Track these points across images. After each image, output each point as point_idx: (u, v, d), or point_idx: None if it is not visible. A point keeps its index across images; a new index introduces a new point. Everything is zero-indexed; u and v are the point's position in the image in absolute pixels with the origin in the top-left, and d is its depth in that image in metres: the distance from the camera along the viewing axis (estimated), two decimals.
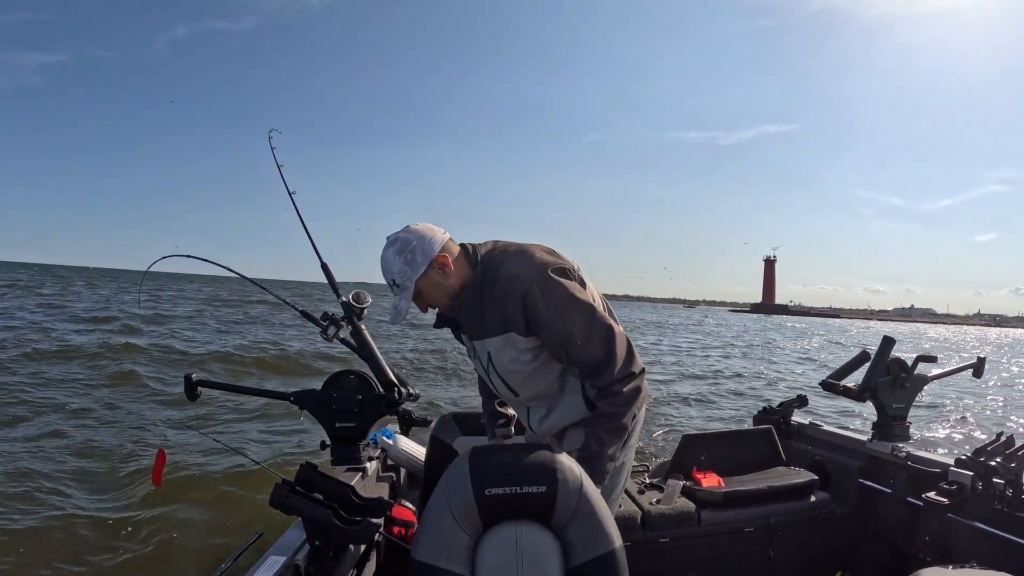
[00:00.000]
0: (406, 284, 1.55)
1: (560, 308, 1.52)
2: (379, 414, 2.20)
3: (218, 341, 14.22)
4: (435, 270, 1.56)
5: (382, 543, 1.93)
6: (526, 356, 1.61)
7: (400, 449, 2.58)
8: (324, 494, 1.57)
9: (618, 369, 1.53)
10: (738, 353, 20.97)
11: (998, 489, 2.11)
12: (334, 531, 1.46)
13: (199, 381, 2.11)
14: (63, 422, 6.71)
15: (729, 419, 8.61)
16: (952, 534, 2.26)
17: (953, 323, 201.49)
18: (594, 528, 1.35)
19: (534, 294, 1.51)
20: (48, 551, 3.87)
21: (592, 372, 1.56)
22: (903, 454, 2.56)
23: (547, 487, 1.34)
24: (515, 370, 1.65)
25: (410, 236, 1.56)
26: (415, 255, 1.54)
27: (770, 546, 2.52)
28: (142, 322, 16.57)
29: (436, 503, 1.37)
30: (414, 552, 1.34)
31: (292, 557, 1.43)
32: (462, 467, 1.38)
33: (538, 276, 1.53)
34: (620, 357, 1.54)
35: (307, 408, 2.17)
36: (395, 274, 1.56)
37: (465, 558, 1.34)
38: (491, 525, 1.36)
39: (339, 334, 2.25)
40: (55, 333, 13.50)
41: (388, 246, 1.57)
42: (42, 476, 5.06)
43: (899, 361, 2.69)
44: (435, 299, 1.61)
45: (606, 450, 1.54)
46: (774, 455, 2.87)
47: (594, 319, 1.54)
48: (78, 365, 10.07)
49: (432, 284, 1.57)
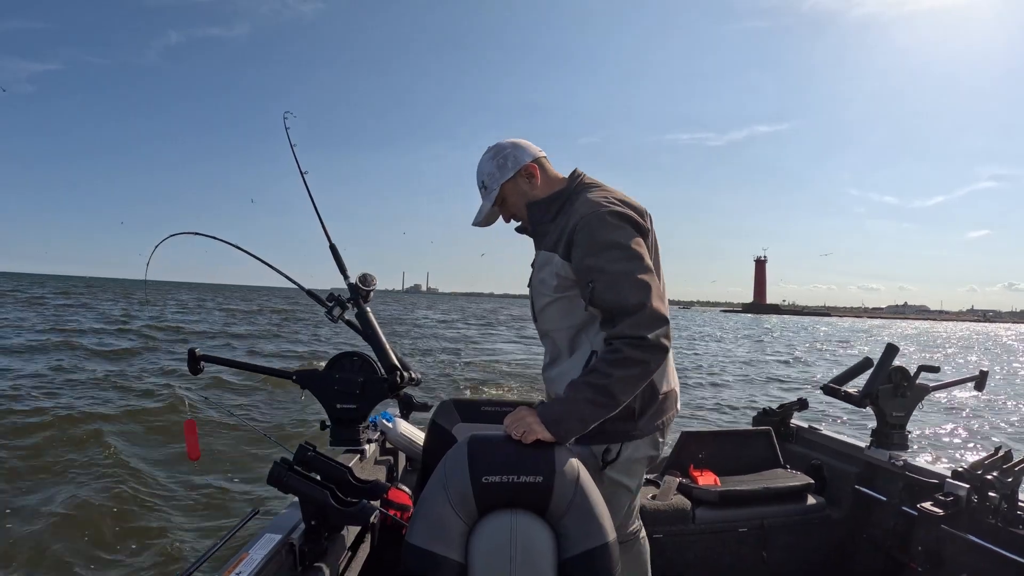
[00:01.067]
0: (492, 186, 1.66)
1: (598, 245, 1.49)
2: (380, 397, 2.20)
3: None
4: (522, 178, 1.65)
5: (377, 525, 1.94)
6: (553, 281, 1.59)
7: (399, 433, 2.58)
8: (321, 474, 1.57)
9: (646, 318, 1.43)
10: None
11: (993, 503, 2.10)
12: (330, 512, 1.46)
13: (203, 356, 2.11)
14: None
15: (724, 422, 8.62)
16: (945, 545, 2.26)
17: (946, 319, 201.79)
18: (589, 521, 1.35)
19: (582, 225, 1.52)
20: (39, 545, 3.91)
21: (617, 315, 1.46)
22: (900, 463, 2.55)
23: (544, 477, 1.35)
24: (541, 292, 1.66)
25: (506, 144, 1.67)
26: (506, 160, 1.65)
27: (763, 547, 2.53)
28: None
29: (433, 488, 1.37)
30: (408, 536, 1.35)
31: (287, 535, 1.44)
32: (460, 454, 1.38)
33: (593, 211, 1.53)
34: (650, 308, 1.44)
35: (309, 388, 2.18)
36: (485, 175, 1.67)
37: (459, 544, 1.35)
38: (486, 513, 1.37)
39: (344, 315, 2.25)
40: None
41: (486, 151, 1.69)
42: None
43: (901, 370, 2.68)
44: (516, 207, 1.68)
45: (588, 394, 1.43)
46: (772, 457, 2.87)
47: (633, 266, 1.47)
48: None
49: (516, 191, 1.66)
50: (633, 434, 1.61)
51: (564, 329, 1.63)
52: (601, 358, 1.47)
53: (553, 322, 1.66)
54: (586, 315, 1.57)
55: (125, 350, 12.80)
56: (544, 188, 1.66)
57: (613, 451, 1.61)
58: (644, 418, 1.62)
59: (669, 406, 1.68)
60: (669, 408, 1.68)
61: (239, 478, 4.92)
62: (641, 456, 1.65)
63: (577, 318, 1.60)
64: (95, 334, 15.88)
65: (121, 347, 13.29)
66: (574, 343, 1.63)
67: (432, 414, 2.56)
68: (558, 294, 1.61)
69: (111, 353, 12.25)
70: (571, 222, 1.55)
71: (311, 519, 1.48)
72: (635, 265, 1.48)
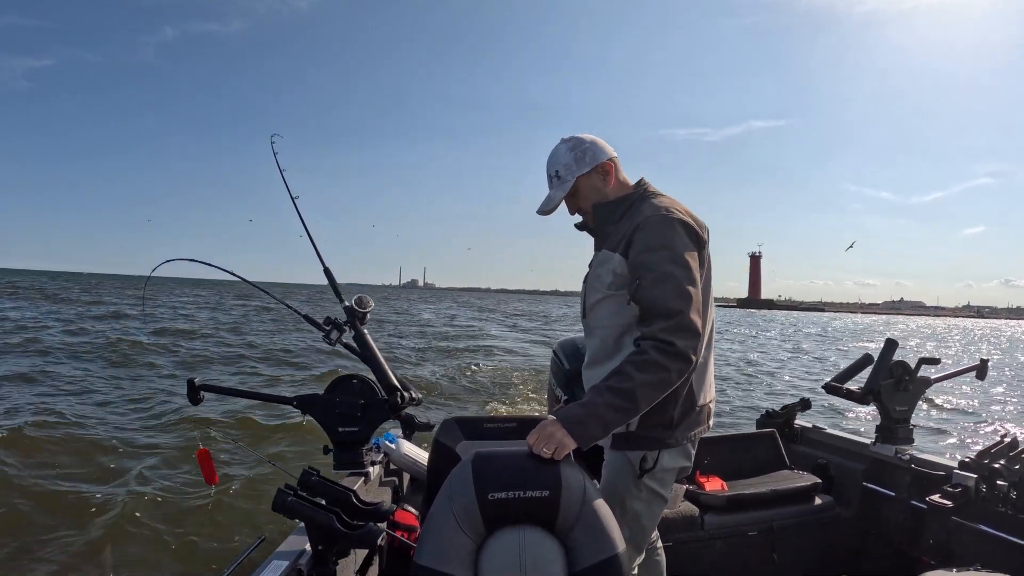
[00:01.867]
0: (567, 177, 1.67)
1: (654, 245, 1.52)
2: (382, 418, 2.20)
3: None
4: (597, 174, 1.68)
5: (385, 548, 1.93)
6: (608, 278, 1.61)
7: (403, 453, 2.57)
8: (326, 498, 1.57)
9: (680, 324, 1.44)
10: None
11: (1002, 492, 2.10)
12: (337, 535, 1.45)
13: (202, 385, 2.11)
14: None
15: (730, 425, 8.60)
16: (956, 537, 2.25)
17: (942, 315, 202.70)
18: (598, 533, 1.34)
19: (643, 224, 1.56)
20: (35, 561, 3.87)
21: (654, 316, 1.47)
22: (907, 457, 2.55)
23: (550, 491, 1.34)
24: (595, 287, 1.67)
25: (585, 138, 1.70)
26: (585, 154, 1.67)
27: (774, 550, 2.52)
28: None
29: (439, 507, 1.37)
30: (417, 557, 1.34)
31: (295, 562, 1.43)
32: (465, 471, 1.37)
33: (657, 213, 1.57)
34: (686, 317, 1.45)
35: (310, 412, 2.17)
36: (560, 165, 1.69)
37: (468, 563, 1.33)
38: (494, 530, 1.36)
39: (342, 338, 2.25)
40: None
41: (563, 141, 1.70)
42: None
43: (902, 364, 2.68)
44: (587, 201, 1.71)
45: (609, 398, 1.42)
46: (777, 459, 2.86)
47: (681, 271, 1.49)
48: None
49: (590, 185, 1.69)
50: (669, 442, 1.60)
51: (611, 327, 1.64)
52: (627, 360, 1.47)
53: (601, 319, 1.66)
54: (634, 317, 1.58)
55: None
56: (615, 189, 1.70)
57: (650, 460, 1.60)
58: (680, 428, 1.61)
59: (704, 419, 1.67)
60: (703, 421, 1.67)
61: (244, 504, 4.88)
62: (675, 467, 1.65)
63: (625, 318, 1.60)
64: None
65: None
66: (619, 344, 1.63)
67: (435, 433, 2.55)
68: (611, 291, 1.62)
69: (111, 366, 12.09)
70: (635, 222, 1.58)
71: (318, 544, 1.47)
72: (683, 273, 1.50)
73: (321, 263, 2.36)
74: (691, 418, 1.62)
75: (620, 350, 1.60)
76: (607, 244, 1.66)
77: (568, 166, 1.68)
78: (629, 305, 1.57)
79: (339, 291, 2.32)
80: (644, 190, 1.69)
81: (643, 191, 1.69)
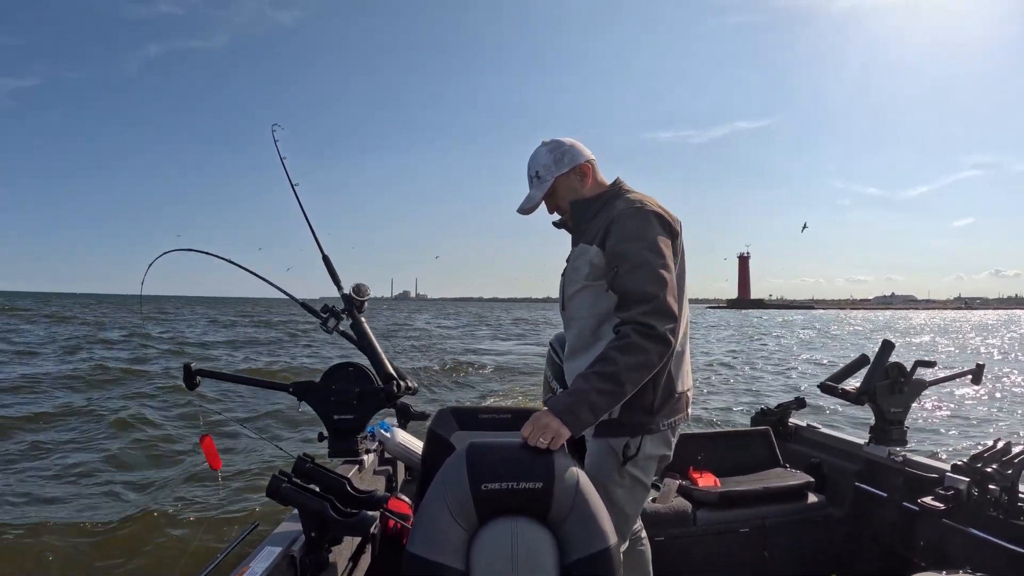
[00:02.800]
0: (546, 177, 1.75)
1: (629, 235, 1.59)
2: (377, 407, 2.20)
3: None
4: (575, 174, 1.76)
5: (378, 536, 1.93)
6: (585, 269, 1.68)
7: (397, 442, 2.58)
8: (320, 486, 1.57)
9: (658, 308, 1.50)
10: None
11: (994, 496, 2.10)
12: (330, 523, 1.46)
13: (198, 370, 2.10)
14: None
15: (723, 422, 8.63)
16: (947, 540, 2.26)
17: (934, 308, 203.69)
18: (590, 525, 1.35)
19: (618, 217, 1.63)
20: (38, 554, 3.88)
21: (632, 302, 1.53)
22: (900, 459, 2.56)
23: (544, 483, 1.34)
24: (572, 279, 1.73)
25: (565, 141, 1.78)
26: (564, 156, 1.75)
27: (765, 547, 2.53)
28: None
29: (432, 497, 1.37)
30: (409, 545, 1.34)
31: (288, 548, 1.43)
32: (459, 461, 1.38)
33: (631, 206, 1.65)
34: (663, 301, 1.51)
35: (306, 399, 2.17)
36: (540, 166, 1.76)
37: (460, 553, 1.34)
38: (487, 520, 1.36)
39: (339, 327, 2.25)
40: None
41: (543, 144, 1.78)
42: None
43: (898, 365, 2.69)
44: (564, 200, 1.78)
45: (597, 383, 1.46)
46: (771, 456, 2.87)
47: (655, 258, 1.56)
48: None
49: (567, 186, 1.76)
50: (651, 428, 1.65)
51: (589, 318, 1.69)
52: (609, 345, 1.52)
53: (580, 310, 1.72)
54: (610, 307, 1.63)
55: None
56: (591, 189, 1.78)
57: (632, 446, 1.64)
58: (661, 414, 1.66)
59: (682, 407, 1.72)
60: (682, 409, 1.72)
61: (238, 490, 4.89)
62: (657, 454, 1.69)
63: (602, 307, 1.66)
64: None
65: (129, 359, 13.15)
66: (597, 333, 1.68)
67: (430, 423, 2.55)
68: (588, 282, 1.68)
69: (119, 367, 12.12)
70: (611, 216, 1.65)
71: (311, 531, 1.47)
72: (658, 260, 1.56)
73: (320, 250, 2.35)
74: (671, 404, 1.67)
75: (598, 340, 1.66)
76: (584, 238, 1.73)
77: (547, 167, 1.75)
78: (607, 294, 1.62)
79: (338, 278, 2.31)
80: (619, 188, 1.77)
81: (618, 189, 1.77)
